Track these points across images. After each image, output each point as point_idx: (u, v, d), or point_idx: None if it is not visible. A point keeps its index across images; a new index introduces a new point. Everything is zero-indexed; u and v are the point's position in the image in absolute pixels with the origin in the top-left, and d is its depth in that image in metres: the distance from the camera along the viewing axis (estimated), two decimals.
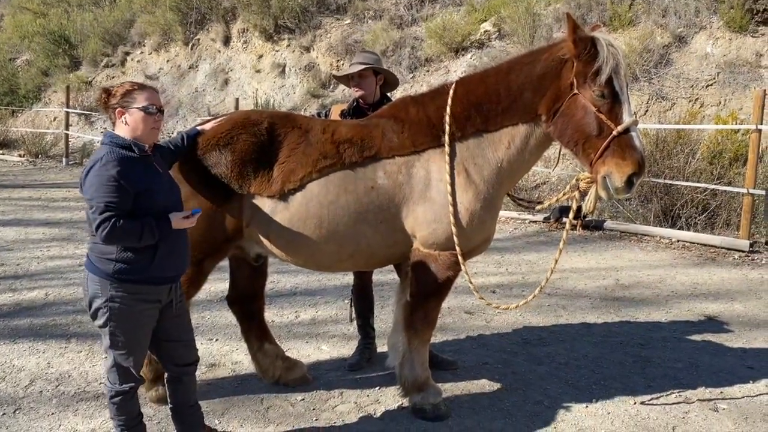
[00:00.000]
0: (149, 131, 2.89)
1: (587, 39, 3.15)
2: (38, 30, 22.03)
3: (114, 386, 2.96)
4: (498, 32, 13.81)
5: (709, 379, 4.27)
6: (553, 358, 4.59)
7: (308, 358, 4.50)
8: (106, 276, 2.82)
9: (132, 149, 2.85)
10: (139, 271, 2.84)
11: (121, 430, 3.01)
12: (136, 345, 2.94)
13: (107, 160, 2.76)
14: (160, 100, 2.97)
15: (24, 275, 6.45)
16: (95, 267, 2.85)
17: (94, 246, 2.87)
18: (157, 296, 2.93)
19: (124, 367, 2.94)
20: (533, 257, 7.71)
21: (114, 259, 2.81)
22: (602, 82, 3.10)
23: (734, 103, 10.26)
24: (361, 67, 4.20)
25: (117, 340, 2.88)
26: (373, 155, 3.47)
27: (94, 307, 2.87)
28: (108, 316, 2.84)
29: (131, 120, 2.85)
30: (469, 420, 3.65)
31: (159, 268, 2.88)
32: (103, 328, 2.89)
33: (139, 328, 2.92)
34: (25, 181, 13.42)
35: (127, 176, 2.76)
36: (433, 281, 3.50)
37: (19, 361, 4.37)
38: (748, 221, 8.05)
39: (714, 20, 11.28)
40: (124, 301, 2.83)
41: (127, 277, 2.82)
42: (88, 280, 2.88)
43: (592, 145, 3.19)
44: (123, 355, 2.92)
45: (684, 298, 6.12)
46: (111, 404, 2.99)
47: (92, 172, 2.76)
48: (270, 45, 17.32)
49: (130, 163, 2.81)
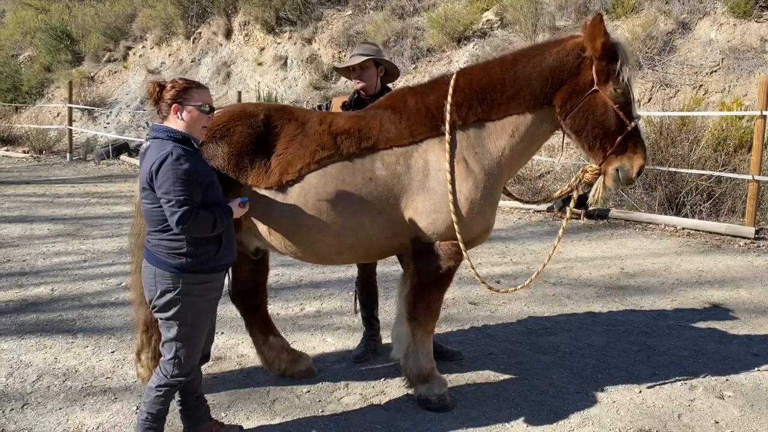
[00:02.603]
0: (201, 129, 2.99)
1: (611, 42, 3.35)
2: (40, 26, 22.01)
3: (166, 378, 3.02)
4: (500, 21, 13.73)
5: (714, 366, 4.27)
6: (558, 347, 4.59)
7: (313, 350, 4.51)
8: (180, 270, 2.91)
9: (190, 143, 2.94)
10: (210, 260, 2.97)
11: (147, 417, 3.03)
12: (200, 335, 3.07)
13: (178, 155, 2.82)
14: (212, 100, 3.06)
15: (30, 271, 6.48)
16: (165, 263, 2.92)
17: (160, 243, 2.93)
18: (220, 282, 3.12)
19: (185, 360, 3.00)
20: (537, 247, 7.70)
21: (185, 254, 2.91)
22: (624, 80, 3.33)
23: (739, 89, 10.19)
24: (362, 58, 4.18)
25: (184, 332, 2.97)
26: (371, 146, 3.47)
27: (164, 301, 2.93)
28: (179, 308, 2.93)
29: (187, 117, 2.93)
30: (475, 410, 3.66)
31: (224, 256, 3.04)
32: (170, 321, 2.96)
33: (205, 318, 3.06)
34: (29, 177, 13.45)
35: (197, 170, 2.87)
36: (434, 272, 3.51)
37: (27, 357, 4.40)
38: (753, 208, 8.02)
39: (718, 6, 11.19)
40: (198, 292, 2.97)
41: (201, 268, 2.95)
42: (156, 275, 2.94)
43: (609, 139, 3.39)
44: (189, 345, 3.00)
45: (689, 286, 6.11)
46: (155, 392, 3.02)
47: (164, 167, 2.81)
48: (272, 37, 17.28)
49: (195, 156, 2.92)
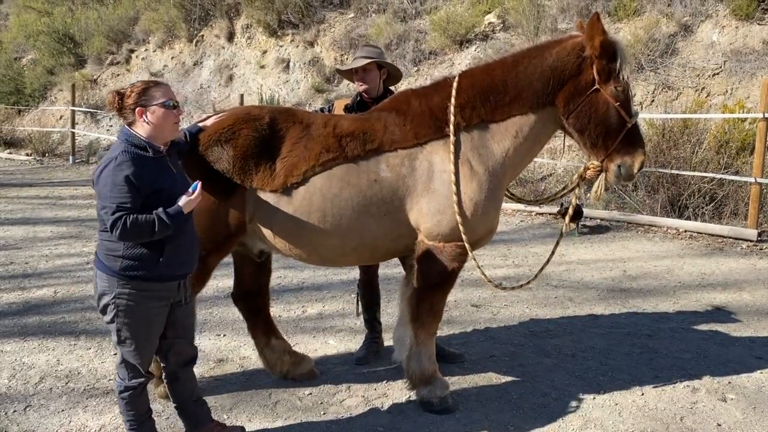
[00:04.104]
0: (171, 126, 2.90)
1: (610, 40, 3.40)
2: (43, 29, 22.09)
3: (123, 382, 2.99)
4: (502, 24, 13.74)
5: (717, 369, 4.26)
6: (560, 349, 4.59)
7: (315, 352, 4.51)
8: (114, 273, 2.83)
9: (147, 150, 2.84)
10: (147, 268, 2.84)
11: (130, 425, 3.03)
12: (144, 342, 2.94)
13: (121, 161, 2.76)
14: (174, 94, 2.97)
15: (33, 273, 6.49)
16: (103, 264, 2.86)
17: (101, 243, 2.88)
18: (166, 293, 2.93)
19: (132, 364, 2.95)
20: (540, 249, 7.69)
21: (121, 256, 2.81)
22: (625, 78, 3.39)
23: (741, 91, 10.18)
24: (365, 61, 4.19)
25: (125, 337, 2.90)
26: (376, 148, 3.48)
27: (102, 304, 2.89)
28: (116, 313, 2.85)
29: (153, 117, 2.84)
30: (477, 412, 3.65)
31: (168, 266, 2.88)
32: (111, 325, 2.90)
33: (148, 325, 2.93)
34: (32, 180, 13.49)
35: (140, 176, 2.76)
36: (438, 273, 3.51)
37: (29, 359, 4.41)
38: (755, 210, 8.00)
39: (720, 8, 11.19)
40: (132, 298, 2.84)
41: (135, 274, 2.83)
42: (97, 277, 2.90)
43: (610, 136, 3.45)
44: (131, 352, 2.93)
45: (691, 289, 6.10)
46: (120, 399, 3.01)
47: (105, 172, 2.77)
48: (274, 40, 17.30)
49: (144, 162, 2.81)
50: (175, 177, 2.96)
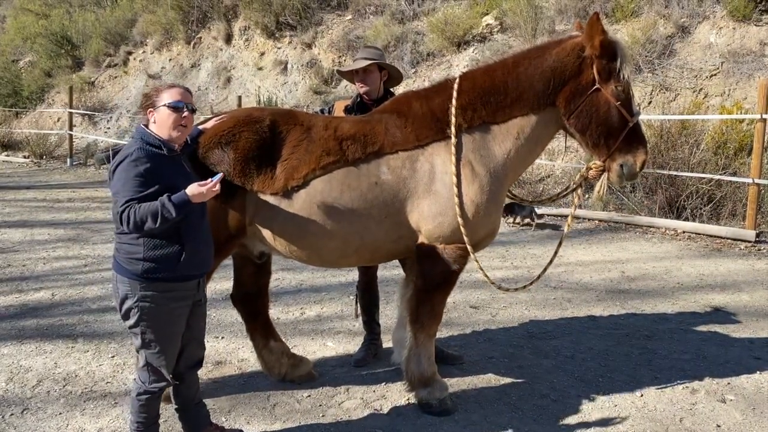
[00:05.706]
0: (175, 128, 2.88)
1: (609, 39, 3.40)
2: (40, 31, 22.08)
3: (144, 385, 2.97)
4: (500, 26, 13.75)
5: (716, 370, 4.26)
6: (559, 351, 4.58)
7: (314, 354, 4.50)
8: (135, 276, 2.83)
9: (161, 148, 2.87)
10: (169, 268, 2.84)
11: (137, 427, 3.02)
12: (168, 344, 2.94)
13: (137, 156, 2.78)
14: (190, 97, 2.96)
15: (30, 276, 6.47)
16: (123, 268, 2.86)
17: (121, 247, 2.88)
18: (187, 293, 2.95)
19: (155, 368, 2.95)
20: (538, 251, 7.69)
21: (142, 259, 2.81)
22: (625, 77, 3.39)
23: (739, 92, 10.20)
24: (366, 62, 4.17)
25: (149, 340, 2.89)
26: (377, 151, 3.48)
27: (125, 308, 2.87)
28: (139, 317, 2.85)
29: (158, 117, 2.88)
30: (476, 414, 3.65)
31: (188, 265, 2.89)
32: (135, 329, 2.89)
33: (171, 327, 2.93)
34: (30, 182, 13.45)
35: (154, 171, 2.78)
36: (439, 275, 3.51)
37: (27, 362, 4.39)
38: (753, 211, 8.02)
39: (717, 9, 11.21)
40: (155, 300, 2.84)
41: (157, 276, 2.83)
42: (117, 281, 2.88)
43: (612, 136, 3.45)
44: (155, 354, 2.92)
45: (690, 290, 6.10)
46: (136, 401, 2.99)
47: (121, 168, 2.79)
48: (272, 42, 17.31)
49: (159, 159, 2.84)
50: (189, 176, 2.99)
